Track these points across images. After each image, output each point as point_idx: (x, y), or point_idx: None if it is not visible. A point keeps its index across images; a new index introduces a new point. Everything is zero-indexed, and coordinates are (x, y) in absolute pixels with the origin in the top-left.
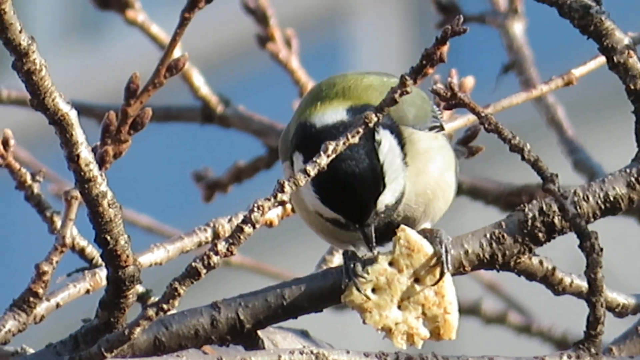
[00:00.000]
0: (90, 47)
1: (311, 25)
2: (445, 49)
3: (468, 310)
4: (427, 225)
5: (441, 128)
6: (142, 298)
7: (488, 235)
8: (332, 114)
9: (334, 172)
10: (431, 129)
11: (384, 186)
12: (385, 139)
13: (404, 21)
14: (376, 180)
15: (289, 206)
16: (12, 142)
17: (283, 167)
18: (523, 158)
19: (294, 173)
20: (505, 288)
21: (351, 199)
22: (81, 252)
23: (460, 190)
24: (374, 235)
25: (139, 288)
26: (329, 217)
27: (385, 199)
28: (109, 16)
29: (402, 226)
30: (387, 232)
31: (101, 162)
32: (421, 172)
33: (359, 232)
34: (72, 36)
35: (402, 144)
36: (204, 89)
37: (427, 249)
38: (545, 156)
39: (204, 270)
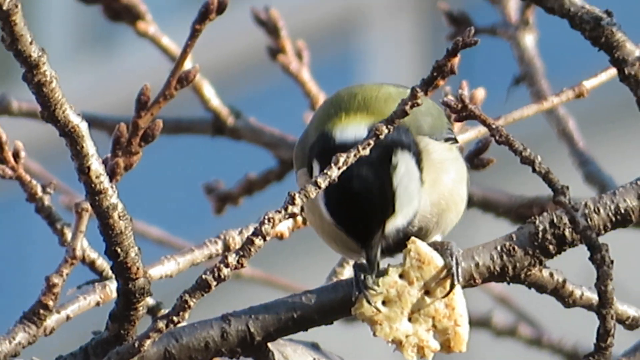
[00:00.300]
0: (103, 60)
1: (324, 38)
2: (456, 60)
3: (479, 322)
4: (438, 237)
5: (455, 141)
6: (153, 310)
7: (499, 248)
8: (355, 129)
9: (345, 189)
10: (446, 140)
11: (394, 211)
12: (402, 161)
13: (416, 33)
14: (384, 206)
15: (299, 218)
16: (22, 154)
17: (298, 175)
18: (534, 170)
19: (311, 180)
20: (516, 301)
21: (357, 220)
22: (91, 265)
23: (472, 203)
24: (378, 256)
25: (149, 300)
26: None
27: (396, 223)
28: (121, 29)
29: (413, 238)
30: (399, 243)
31: (112, 174)
32: (436, 182)
33: (366, 254)
34: (85, 49)
35: (418, 157)
36: (215, 101)
37: (438, 261)
38: (556, 168)
39: (214, 283)
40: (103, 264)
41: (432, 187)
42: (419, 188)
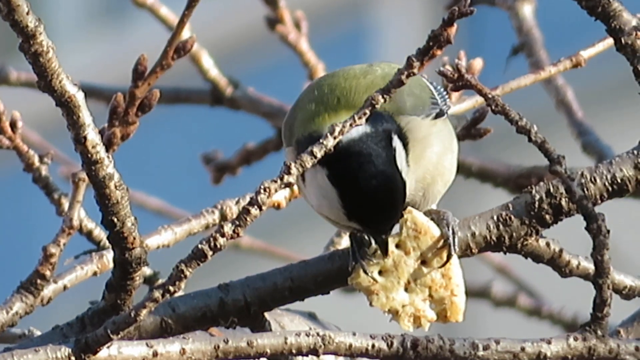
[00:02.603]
0: (113, 34)
1: (334, 13)
2: (452, 30)
3: (478, 293)
4: (430, 207)
5: (441, 113)
6: (149, 280)
7: (495, 217)
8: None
9: (367, 189)
10: (431, 115)
11: (406, 194)
12: (397, 145)
13: (426, 8)
14: (404, 194)
15: (296, 188)
16: (20, 124)
17: (286, 152)
18: (530, 140)
19: (298, 157)
20: (515, 271)
21: (382, 215)
22: (88, 235)
23: (469, 173)
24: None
25: (146, 270)
26: (343, 224)
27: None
28: (129, 3)
29: (409, 208)
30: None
31: (108, 144)
32: (419, 158)
33: (376, 241)
34: (95, 23)
35: (402, 137)
36: (213, 71)
37: (434, 231)
38: (554, 139)
39: (211, 252)
40: (100, 234)
41: (416, 163)
42: (407, 165)
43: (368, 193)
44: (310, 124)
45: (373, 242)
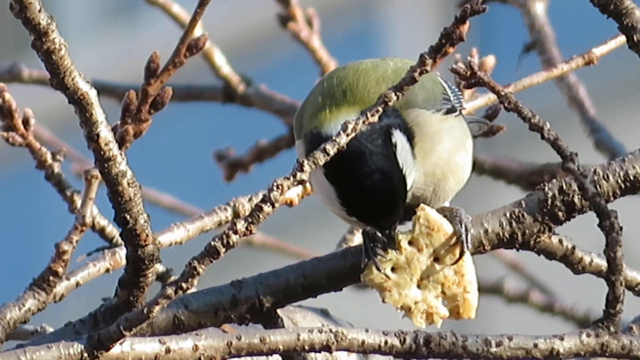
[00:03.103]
0: (124, 32)
1: (345, 11)
2: (465, 27)
3: (490, 289)
4: (442, 205)
5: (453, 109)
6: (162, 277)
7: (508, 215)
8: (338, 124)
9: (362, 186)
10: (443, 111)
11: (406, 189)
12: (399, 140)
13: (437, 6)
14: (404, 190)
15: (308, 185)
16: (32, 121)
17: (297, 145)
18: (543, 137)
19: (311, 154)
20: (528, 267)
21: (381, 211)
22: (101, 232)
23: (482, 170)
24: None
25: (159, 267)
26: (348, 219)
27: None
28: (141, 0)
29: (422, 205)
30: (405, 212)
31: (121, 142)
32: (429, 153)
33: (382, 235)
34: (106, 21)
35: (409, 131)
36: (226, 69)
37: (447, 228)
38: (566, 136)
39: (223, 249)
40: (113, 231)
41: (425, 158)
42: (413, 161)
43: (363, 192)
44: (315, 118)
45: (387, 242)
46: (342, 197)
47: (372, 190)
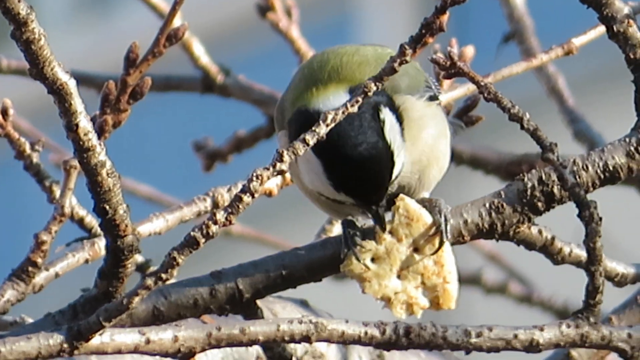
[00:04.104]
0: (100, 21)
1: (321, 2)
2: (444, 18)
3: (469, 280)
4: (424, 194)
5: (435, 97)
6: (141, 268)
7: (487, 205)
8: (332, 99)
9: (349, 157)
10: (425, 97)
11: (394, 165)
12: (387, 116)
13: None
14: (390, 162)
15: (288, 176)
16: (11, 111)
17: (278, 136)
18: (522, 127)
19: (291, 145)
20: (506, 258)
21: (369, 184)
22: (80, 222)
23: (461, 160)
24: (384, 214)
25: (138, 258)
26: (335, 199)
27: (395, 176)
28: None
29: (401, 195)
30: (386, 202)
31: (100, 132)
32: (416, 138)
33: (370, 214)
34: (81, 10)
35: (397, 115)
36: (204, 59)
37: (427, 218)
38: (546, 127)
39: (203, 240)
40: (92, 221)
41: (413, 144)
42: (402, 142)
43: (350, 163)
44: (299, 100)
45: (370, 218)
46: (329, 170)
47: (358, 162)
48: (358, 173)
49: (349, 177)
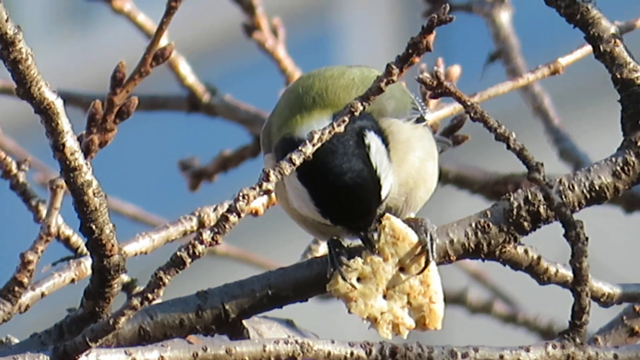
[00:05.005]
0: (79, 36)
1: (300, 16)
2: (431, 37)
3: (454, 299)
4: (410, 215)
5: (422, 119)
6: (127, 287)
7: (473, 225)
8: (316, 126)
9: (334, 186)
10: (412, 120)
11: (381, 189)
12: (373, 140)
13: (393, 12)
14: (377, 188)
15: (274, 195)
16: None
17: (265, 159)
18: (509, 147)
19: (277, 164)
20: (491, 278)
21: (356, 211)
22: (66, 241)
23: (446, 179)
24: (373, 234)
25: (124, 277)
26: (323, 222)
27: (383, 198)
28: (97, 5)
29: (387, 214)
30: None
31: (87, 151)
32: (402, 161)
33: (359, 239)
34: (61, 25)
35: (384, 138)
36: (191, 78)
37: (412, 237)
38: (531, 145)
39: (189, 260)
40: (78, 240)
41: (399, 166)
42: (389, 164)
43: (336, 192)
44: (285, 127)
45: (358, 239)
46: (315, 198)
47: (344, 191)
48: (344, 201)
49: (335, 206)
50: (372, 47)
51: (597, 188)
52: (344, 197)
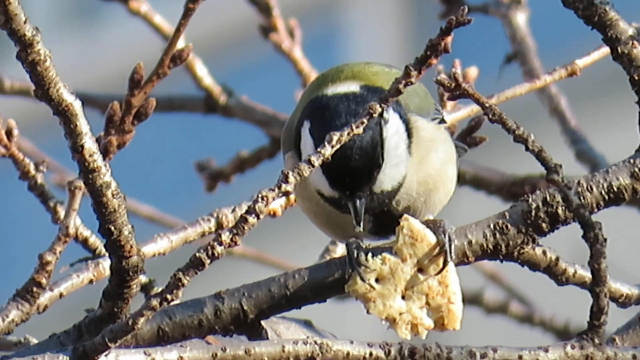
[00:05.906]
0: (87, 34)
1: (308, 14)
2: (449, 39)
3: (470, 300)
4: (429, 217)
5: (443, 121)
6: (146, 288)
7: (492, 226)
8: (345, 86)
9: (342, 148)
10: (434, 120)
11: (383, 161)
12: (393, 120)
13: (400, 9)
14: (375, 154)
15: (292, 196)
16: (15, 132)
17: (285, 158)
18: (527, 148)
19: (295, 166)
20: (507, 278)
21: (347, 169)
22: (84, 242)
23: (463, 180)
24: (363, 210)
25: (143, 278)
26: (326, 194)
27: (384, 182)
28: (104, 4)
29: (406, 215)
30: (390, 223)
31: (105, 153)
32: (424, 160)
33: (349, 203)
34: (69, 23)
35: (408, 131)
36: (207, 79)
37: (431, 238)
38: (547, 146)
39: (208, 261)
40: (96, 241)
41: (420, 164)
42: (407, 156)
43: (339, 153)
44: (313, 94)
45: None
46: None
47: (345, 150)
48: (341, 157)
49: (332, 162)
50: (379, 45)
51: (615, 189)
52: (343, 158)
